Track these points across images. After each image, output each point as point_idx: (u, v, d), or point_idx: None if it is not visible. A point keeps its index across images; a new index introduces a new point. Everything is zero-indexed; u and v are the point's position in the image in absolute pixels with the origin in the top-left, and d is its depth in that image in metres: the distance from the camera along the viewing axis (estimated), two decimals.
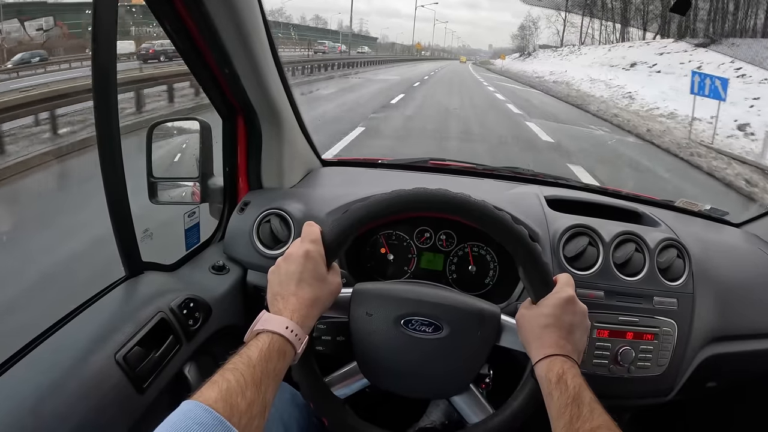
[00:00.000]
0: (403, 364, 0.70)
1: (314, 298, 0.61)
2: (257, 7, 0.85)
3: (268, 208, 0.97)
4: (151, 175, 0.94)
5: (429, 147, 5.92)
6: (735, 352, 0.97)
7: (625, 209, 1.10)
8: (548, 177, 1.29)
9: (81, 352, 0.64)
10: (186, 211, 0.98)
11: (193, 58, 0.85)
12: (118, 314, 0.73)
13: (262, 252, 0.96)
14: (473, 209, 0.66)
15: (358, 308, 0.70)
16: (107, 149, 0.68)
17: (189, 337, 0.78)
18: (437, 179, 1.24)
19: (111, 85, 0.66)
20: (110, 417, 0.63)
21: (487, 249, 1.00)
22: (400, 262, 1.01)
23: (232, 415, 0.46)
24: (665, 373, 0.90)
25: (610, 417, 0.55)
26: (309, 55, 24.24)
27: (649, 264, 0.92)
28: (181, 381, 0.77)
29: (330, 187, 1.17)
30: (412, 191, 0.66)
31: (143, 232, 0.82)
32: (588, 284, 0.90)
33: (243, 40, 0.83)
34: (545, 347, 0.62)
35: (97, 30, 0.63)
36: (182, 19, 0.77)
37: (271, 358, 0.54)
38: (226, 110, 1.00)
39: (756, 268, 1.06)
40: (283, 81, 1.00)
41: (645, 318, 0.89)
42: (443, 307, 0.70)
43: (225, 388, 0.48)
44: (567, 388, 0.57)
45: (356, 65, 22.84)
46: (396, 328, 0.69)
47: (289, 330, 0.56)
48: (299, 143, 1.17)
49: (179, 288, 0.82)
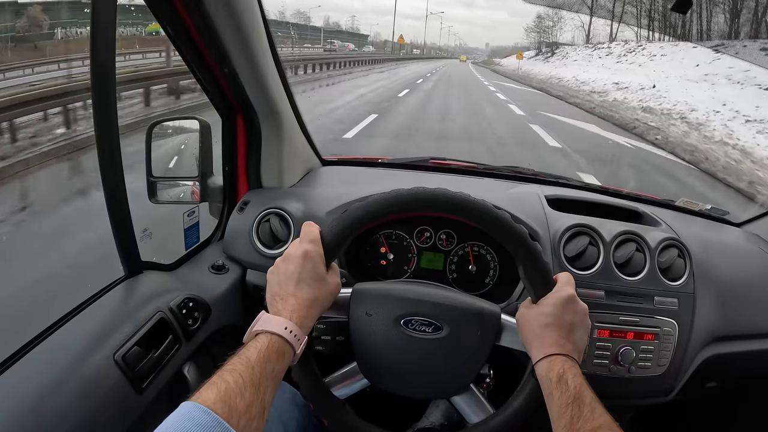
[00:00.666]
0: (403, 364, 0.69)
1: (313, 298, 0.61)
2: (257, 7, 0.84)
3: (267, 207, 0.97)
4: (150, 174, 0.93)
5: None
6: (736, 352, 0.97)
7: (625, 209, 1.09)
8: (549, 176, 1.29)
9: (80, 352, 0.64)
10: (185, 210, 0.98)
11: (193, 58, 0.85)
12: (117, 314, 0.72)
13: (262, 251, 0.96)
14: (473, 208, 0.65)
15: (358, 308, 0.69)
16: (106, 149, 0.68)
17: (188, 336, 0.78)
18: (438, 178, 1.24)
19: (110, 85, 0.66)
20: (109, 417, 0.63)
21: (487, 248, 0.99)
22: (400, 262, 1.01)
23: (231, 416, 0.46)
24: (666, 373, 0.90)
25: (611, 417, 0.55)
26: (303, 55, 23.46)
27: (650, 264, 0.91)
28: (181, 381, 0.77)
29: (330, 186, 1.17)
30: (411, 191, 0.66)
31: (142, 231, 0.82)
32: (588, 284, 0.89)
33: (242, 40, 0.83)
34: (546, 347, 0.62)
35: (96, 29, 0.63)
36: (181, 19, 0.77)
37: (270, 359, 0.53)
38: (225, 109, 1.00)
39: (757, 268, 1.05)
40: (282, 80, 1.00)
41: (646, 318, 0.89)
42: (443, 307, 0.69)
43: (224, 389, 0.48)
44: (568, 388, 0.57)
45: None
46: (396, 328, 0.68)
47: (288, 331, 0.56)
48: (299, 142, 1.16)
49: (178, 288, 0.82)
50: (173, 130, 0.99)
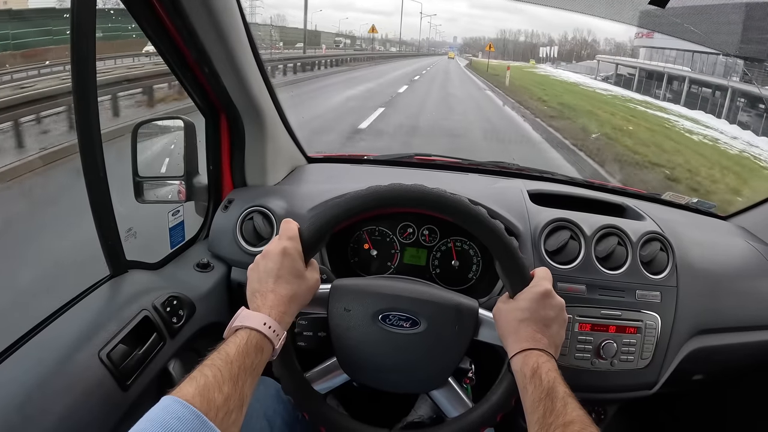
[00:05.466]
0: (381, 358, 0.70)
1: (292, 294, 0.62)
2: (236, 7, 0.85)
3: (251, 205, 0.98)
4: (136, 174, 0.94)
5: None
6: (721, 345, 0.97)
7: (609, 203, 1.10)
8: (533, 171, 1.29)
9: (66, 350, 0.65)
10: (170, 209, 0.99)
11: (173, 58, 0.85)
12: (103, 313, 0.74)
13: (246, 249, 0.97)
14: (448, 204, 0.66)
15: (337, 304, 0.70)
16: (89, 151, 0.69)
17: (173, 334, 0.79)
18: (422, 175, 1.24)
19: (90, 87, 0.67)
20: (95, 413, 0.64)
21: (470, 244, 1.00)
22: (383, 258, 1.02)
23: (209, 410, 0.47)
24: (649, 366, 0.90)
25: (585, 412, 0.55)
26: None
27: (632, 257, 0.92)
28: (166, 378, 0.78)
29: (314, 183, 1.17)
30: (387, 187, 0.67)
31: (127, 231, 0.83)
32: (569, 278, 0.90)
33: (222, 39, 0.84)
34: (521, 341, 0.63)
35: (76, 32, 0.64)
36: (160, 19, 0.78)
37: (249, 354, 0.55)
38: (208, 109, 1.00)
39: (742, 261, 1.06)
40: (264, 79, 1.01)
41: (628, 311, 0.89)
42: (420, 302, 0.70)
43: (202, 383, 0.49)
44: (541, 382, 0.58)
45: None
46: (374, 323, 0.69)
47: (266, 326, 0.57)
48: (283, 141, 1.17)
49: (163, 286, 0.83)
50: (158, 130, 1.00)
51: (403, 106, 10.18)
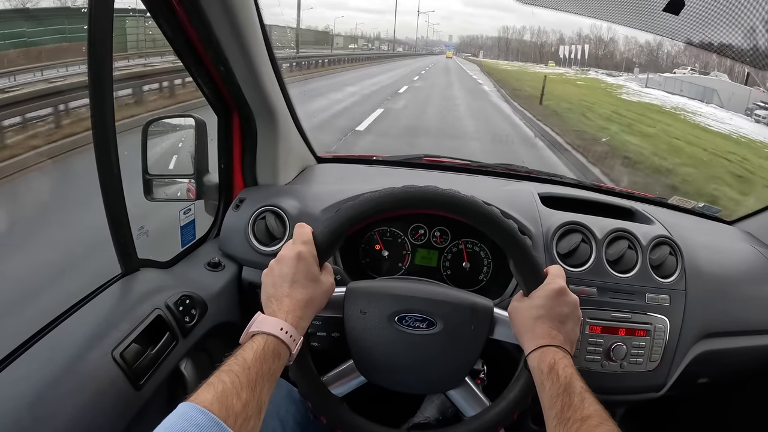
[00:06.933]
0: (399, 360, 0.70)
1: (308, 298, 0.62)
2: (253, 6, 0.85)
3: (263, 205, 0.98)
4: (146, 172, 0.93)
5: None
6: (727, 349, 0.98)
7: (618, 206, 1.10)
8: (542, 174, 1.30)
9: (78, 349, 0.65)
10: (181, 208, 0.98)
11: (189, 56, 0.85)
12: (115, 311, 0.73)
13: (258, 249, 0.96)
14: (463, 205, 0.66)
15: (352, 307, 0.70)
16: (103, 148, 0.69)
17: (185, 333, 0.79)
18: (432, 176, 1.24)
19: (107, 84, 0.67)
20: (108, 413, 0.64)
21: (481, 245, 1.00)
22: (394, 259, 1.02)
23: (228, 416, 0.47)
24: (657, 368, 0.91)
25: (602, 407, 0.56)
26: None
27: (642, 261, 0.93)
28: (178, 377, 0.78)
29: (325, 183, 1.17)
30: (402, 189, 0.67)
31: (139, 229, 0.82)
32: (581, 281, 0.91)
33: (239, 39, 0.84)
34: (537, 338, 0.64)
35: (93, 29, 0.63)
36: (178, 18, 0.77)
37: (266, 360, 0.54)
38: (221, 107, 1.00)
39: (748, 265, 1.07)
40: (278, 79, 1.00)
41: (637, 314, 0.90)
42: (436, 303, 0.70)
43: (220, 389, 0.49)
44: (558, 378, 0.58)
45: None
46: (390, 325, 0.69)
47: (283, 331, 0.57)
48: (294, 140, 1.17)
49: (175, 285, 0.83)
50: (169, 128, 0.99)
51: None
